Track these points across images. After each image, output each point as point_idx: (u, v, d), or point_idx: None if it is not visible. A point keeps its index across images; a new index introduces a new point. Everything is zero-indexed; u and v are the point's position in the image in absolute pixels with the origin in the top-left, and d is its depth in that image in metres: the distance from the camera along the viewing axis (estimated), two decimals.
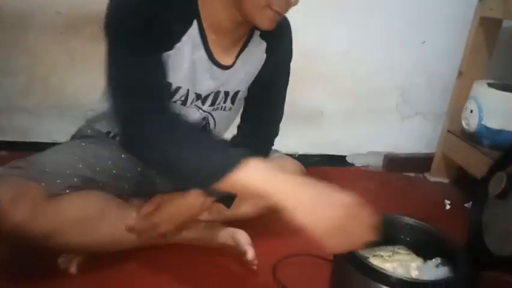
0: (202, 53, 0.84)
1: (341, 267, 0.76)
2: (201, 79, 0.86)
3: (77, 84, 1.36)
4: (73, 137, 1.02)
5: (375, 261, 0.73)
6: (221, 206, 0.97)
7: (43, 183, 0.82)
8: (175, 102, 0.87)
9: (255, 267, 0.94)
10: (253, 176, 0.66)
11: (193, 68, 0.84)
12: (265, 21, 0.77)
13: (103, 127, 0.98)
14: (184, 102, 0.88)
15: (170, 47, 0.79)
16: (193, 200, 0.92)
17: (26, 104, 1.38)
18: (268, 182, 0.65)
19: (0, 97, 1.36)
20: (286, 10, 0.79)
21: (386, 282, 0.67)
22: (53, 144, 0.95)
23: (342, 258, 0.75)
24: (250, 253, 0.93)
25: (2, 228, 0.76)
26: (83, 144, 0.95)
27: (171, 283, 0.89)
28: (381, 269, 0.68)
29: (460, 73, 1.46)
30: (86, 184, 0.87)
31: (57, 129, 1.28)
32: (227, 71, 0.89)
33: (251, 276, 0.94)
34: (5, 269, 0.89)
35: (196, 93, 0.88)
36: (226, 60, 0.88)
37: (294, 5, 0.77)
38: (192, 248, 0.95)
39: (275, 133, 1.05)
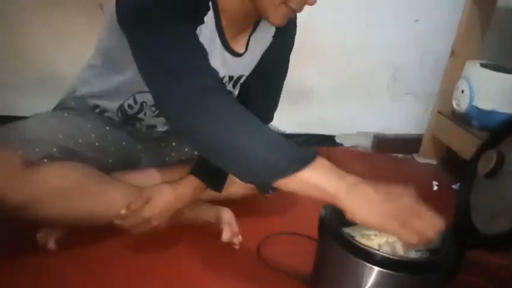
0: (216, 39, 0.81)
1: (326, 245, 0.74)
2: (213, 64, 0.83)
3: (58, 57, 1.30)
4: (55, 108, 0.99)
5: (361, 240, 0.71)
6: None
7: (20, 151, 0.78)
8: None
9: (236, 247, 0.92)
10: (325, 177, 0.65)
11: (208, 53, 0.80)
12: (278, 17, 0.76)
13: (90, 101, 0.94)
14: None
15: (198, 25, 0.76)
16: (183, 190, 0.90)
17: (5, 78, 1.32)
18: (335, 183, 0.65)
19: None
20: (301, 9, 0.76)
21: (371, 261, 0.66)
22: None
23: (327, 236, 0.73)
24: (225, 234, 0.91)
25: None
26: (65, 115, 0.92)
27: (152, 260, 0.87)
28: (367, 246, 0.67)
29: (453, 52, 1.44)
30: (66, 155, 0.84)
31: (39, 104, 1.22)
32: (238, 59, 0.87)
33: (236, 255, 0.92)
34: None
35: None
36: (237, 47, 0.86)
37: (310, 5, 0.74)
38: (176, 226, 0.93)
39: (270, 120, 1.03)
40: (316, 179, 0.65)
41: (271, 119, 1.02)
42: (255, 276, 0.87)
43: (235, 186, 1.00)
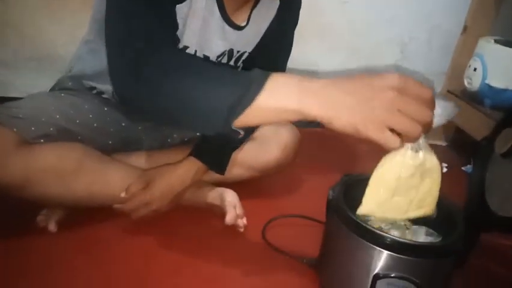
0: (215, 10, 0.76)
1: (334, 227, 0.71)
2: (212, 39, 0.79)
3: (54, 34, 1.27)
4: (52, 89, 0.95)
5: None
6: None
7: (15, 129, 0.76)
8: None
9: (241, 230, 0.90)
10: (284, 95, 0.55)
11: (205, 27, 0.77)
12: None
13: (86, 83, 0.91)
14: None
15: None
16: (185, 171, 0.87)
17: (0, 56, 1.29)
18: (297, 97, 0.55)
19: None
20: None
21: (381, 244, 0.63)
22: None
23: (334, 218, 0.70)
24: (229, 216, 0.88)
25: None
26: (62, 95, 0.89)
27: (154, 242, 0.85)
28: (376, 229, 0.64)
29: (465, 28, 1.38)
30: (64, 135, 0.81)
31: (35, 84, 1.19)
32: (239, 32, 0.82)
33: (240, 237, 0.90)
34: None
35: (204, 55, 0.81)
36: (239, 20, 0.81)
37: None
38: (179, 208, 0.91)
39: None
40: (275, 101, 0.56)
41: None
42: (260, 259, 0.85)
43: (239, 168, 0.98)
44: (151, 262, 0.81)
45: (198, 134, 1.00)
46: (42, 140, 0.79)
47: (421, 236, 0.68)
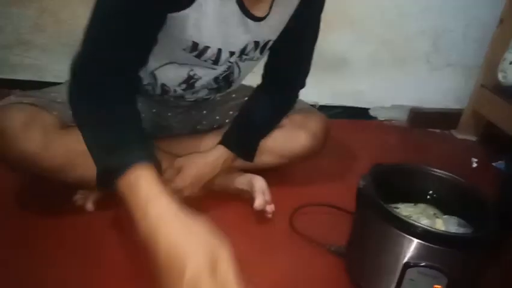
0: (233, 6, 0.75)
1: (364, 215, 0.72)
2: (234, 34, 0.79)
3: None
4: None
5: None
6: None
7: (55, 113, 0.79)
8: (205, 61, 0.80)
9: (269, 216, 0.91)
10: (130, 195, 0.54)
11: (224, 24, 0.76)
12: None
13: None
14: (215, 62, 0.82)
15: (187, 4, 0.69)
16: (215, 159, 0.89)
17: (37, 40, 1.33)
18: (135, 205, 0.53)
19: (10, 30, 1.30)
20: None
21: (412, 233, 0.63)
22: None
23: (365, 206, 0.71)
24: (258, 201, 0.89)
25: (14, 156, 0.74)
26: None
27: None
28: (408, 218, 0.64)
29: (501, 21, 1.34)
30: None
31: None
32: (261, 23, 0.81)
33: (267, 224, 0.91)
34: (20, 204, 0.88)
35: (230, 51, 0.81)
36: (259, 11, 0.80)
37: None
38: (208, 193, 0.93)
39: (302, 86, 0.99)
40: (125, 192, 0.55)
41: (303, 84, 0.98)
42: (286, 246, 0.86)
43: (268, 156, 0.98)
44: None
45: (227, 121, 1.01)
46: None
47: (453, 226, 0.67)
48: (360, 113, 1.53)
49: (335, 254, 0.81)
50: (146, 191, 0.53)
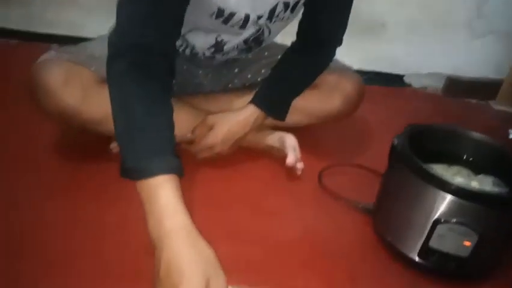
0: None
1: (396, 171, 0.72)
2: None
3: None
4: None
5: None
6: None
7: (93, 68, 0.81)
8: (232, 27, 0.80)
9: (299, 172, 0.92)
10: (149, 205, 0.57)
11: None
12: None
13: None
14: (243, 26, 0.81)
15: None
16: (246, 117, 0.90)
17: None
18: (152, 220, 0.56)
19: None
20: None
21: (446, 188, 0.63)
22: None
23: (398, 162, 0.70)
24: (290, 158, 0.90)
25: (54, 110, 0.78)
26: None
27: (214, 183, 0.90)
28: (443, 175, 0.63)
29: None
30: None
31: (106, 25, 1.25)
32: None
33: (297, 181, 0.93)
34: (59, 152, 0.92)
35: (258, 15, 0.81)
36: None
37: None
38: (239, 150, 0.94)
39: (338, 43, 0.96)
40: (143, 195, 0.58)
41: (340, 42, 0.96)
42: (315, 203, 0.87)
43: (299, 115, 0.98)
44: (213, 194, 0.85)
45: (259, 79, 1.01)
46: None
47: (488, 185, 0.66)
48: (394, 80, 1.49)
49: (363, 211, 0.82)
50: (166, 203, 0.56)
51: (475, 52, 1.45)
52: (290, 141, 0.93)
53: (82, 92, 0.78)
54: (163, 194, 0.56)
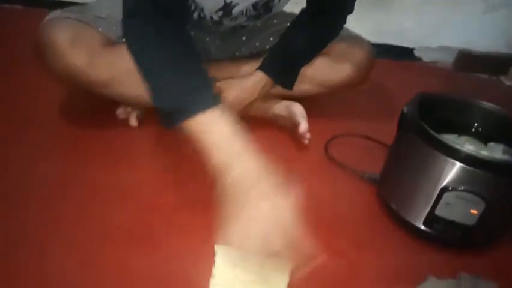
0: None
1: (405, 139, 0.71)
2: None
3: None
4: None
5: None
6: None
7: (100, 29, 0.80)
8: None
9: (306, 141, 0.92)
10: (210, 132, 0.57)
11: None
12: None
13: None
14: None
15: None
16: (253, 84, 0.89)
17: None
18: (223, 143, 0.57)
19: None
20: None
21: (455, 156, 0.62)
22: None
23: (407, 130, 0.70)
24: (303, 126, 0.90)
25: (61, 70, 0.77)
26: None
27: None
28: (452, 142, 0.63)
29: None
30: None
31: None
32: None
33: (303, 151, 0.92)
34: (65, 115, 0.92)
35: None
36: None
37: None
38: (245, 119, 0.93)
39: (349, 11, 0.93)
40: (199, 130, 0.57)
41: (351, 9, 0.93)
42: (321, 172, 0.87)
43: (307, 84, 0.97)
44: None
45: (267, 47, 0.99)
46: (124, 40, 0.83)
47: (498, 153, 0.66)
48: (404, 53, 1.46)
49: (369, 181, 0.82)
50: (231, 129, 0.58)
51: (486, 26, 1.42)
52: (299, 110, 0.92)
53: (89, 53, 0.77)
54: (225, 122, 0.58)
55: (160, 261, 0.62)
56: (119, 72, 0.79)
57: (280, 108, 0.95)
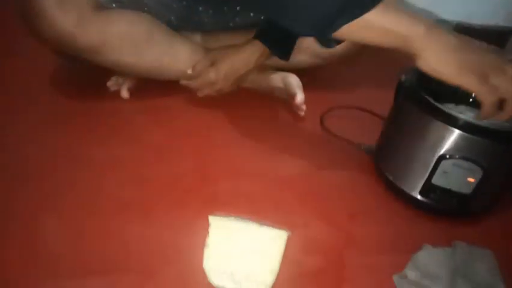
0: None
1: (402, 108, 0.70)
2: None
3: None
4: None
5: None
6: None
7: None
8: None
9: (302, 113, 0.91)
10: (396, 17, 0.57)
11: None
12: None
13: None
14: None
15: None
16: (249, 54, 0.87)
17: None
18: (409, 24, 0.57)
19: None
20: None
21: (453, 123, 0.61)
22: None
23: (405, 99, 0.68)
24: (299, 96, 0.89)
25: (51, 35, 0.74)
26: None
27: (215, 118, 0.88)
28: (450, 109, 0.61)
29: None
30: (132, 4, 0.82)
31: None
32: None
33: (299, 123, 0.91)
34: (56, 86, 0.90)
35: None
36: None
37: None
38: (241, 91, 0.92)
39: None
40: (386, 21, 0.58)
41: None
42: (316, 143, 0.86)
43: (303, 55, 0.95)
44: (209, 132, 0.84)
45: (262, 18, 0.97)
46: (114, 5, 0.80)
47: (496, 121, 0.64)
48: None
49: (365, 152, 0.81)
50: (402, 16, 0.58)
51: None
52: (295, 81, 0.91)
53: (79, 17, 0.74)
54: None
55: (154, 232, 0.61)
56: (111, 37, 0.77)
57: (276, 79, 0.93)
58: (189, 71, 0.86)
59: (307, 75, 0.96)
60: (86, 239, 0.59)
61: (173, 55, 0.85)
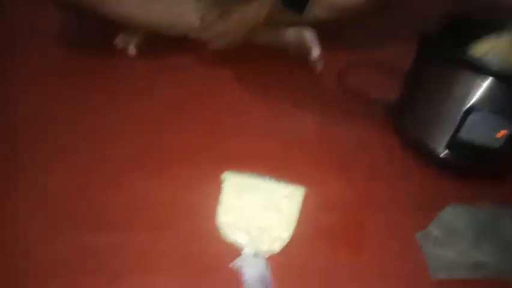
0: None
1: (426, 61, 0.65)
2: None
3: None
4: None
5: None
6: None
7: None
8: None
9: (319, 69, 0.86)
10: None
11: None
12: None
13: None
14: None
15: None
16: (260, 8, 0.82)
17: None
18: None
19: None
20: None
21: (484, 71, 0.56)
22: None
23: (429, 51, 0.64)
24: (315, 51, 0.84)
25: None
26: None
27: (227, 81, 0.84)
28: (482, 60, 0.57)
29: None
30: None
31: None
32: None
33: (315, 79, 0.87)
34: (62, 44, 0.87)
35: None
36: None
37: None
38: (254, 47, 0.88)
39: None
40: None
41: None
42: (334, 100, 0.82)
43: (319, 8, 0.89)
44: (225, 92, 0.81)
45: None
46: None
47: None
48: None
49: (384, 109, 0.77)
50: None
51: None
52: (310, 35, 0.86)
53: None
54: None
55: (167, 188, 0.59)
56: None
57: (290, 35, 0.88)
58: (198, 22, 0.82)
59: (323, 30, 0.91)
60: (96, 190, 0.58)
61: (182, 8, 0.81)
